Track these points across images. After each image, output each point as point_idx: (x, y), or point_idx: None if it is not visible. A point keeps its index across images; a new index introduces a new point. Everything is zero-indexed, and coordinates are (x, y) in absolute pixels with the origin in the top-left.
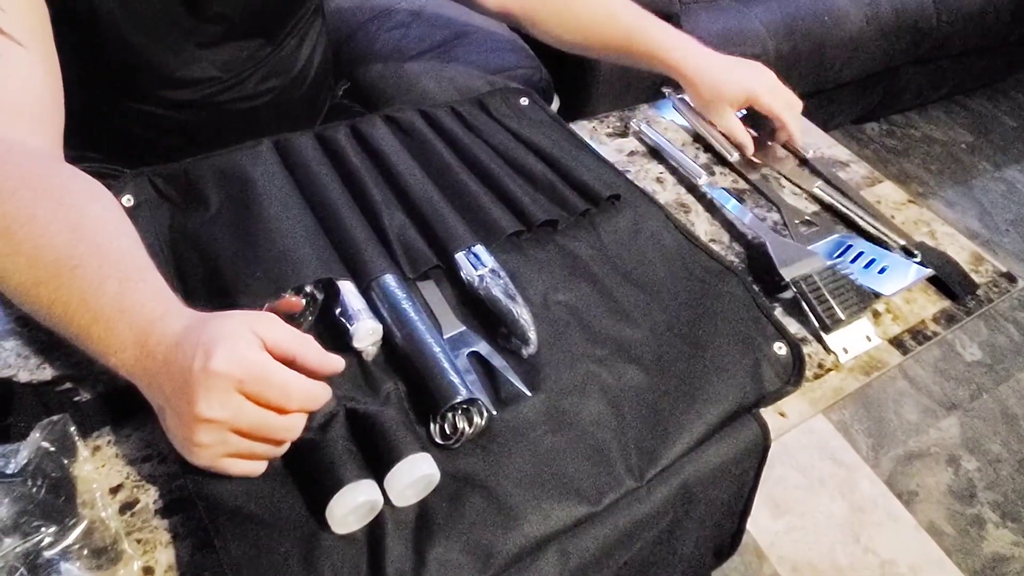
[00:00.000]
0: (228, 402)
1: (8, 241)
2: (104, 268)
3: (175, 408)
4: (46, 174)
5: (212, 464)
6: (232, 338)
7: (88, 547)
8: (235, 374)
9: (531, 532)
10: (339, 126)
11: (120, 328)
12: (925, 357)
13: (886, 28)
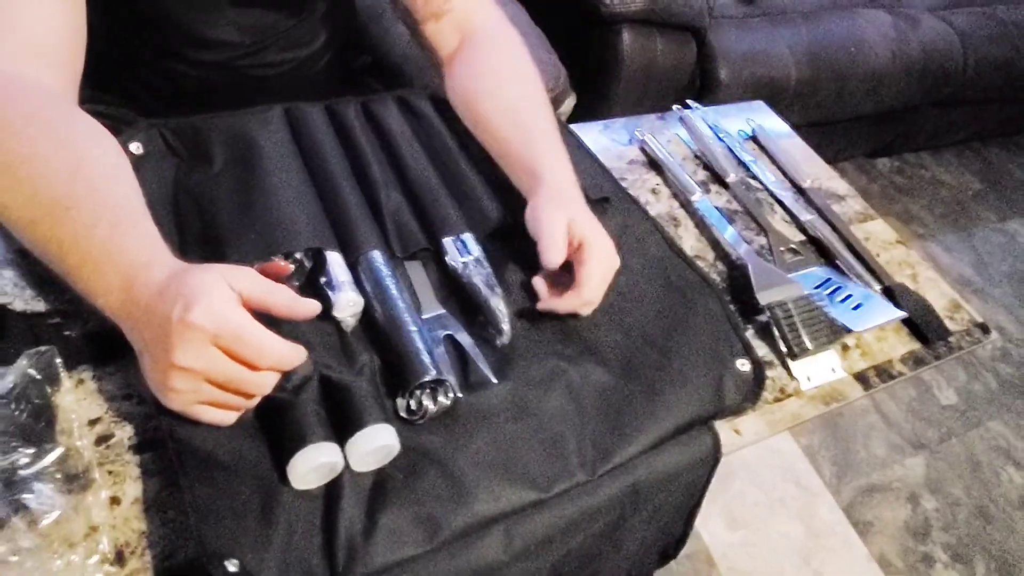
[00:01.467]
0: (203, 354)
1: (10, 177)
2: (97, 212)
3: (153, 354)
4: (54, 115)
5: (184, 409)
6: (210, 293)
7: (62, 471)
8: (211, 329)
9: (480, 510)
10: (350, 102)
11: (107, 271)
12: (900, 395)
13: (911, 66)
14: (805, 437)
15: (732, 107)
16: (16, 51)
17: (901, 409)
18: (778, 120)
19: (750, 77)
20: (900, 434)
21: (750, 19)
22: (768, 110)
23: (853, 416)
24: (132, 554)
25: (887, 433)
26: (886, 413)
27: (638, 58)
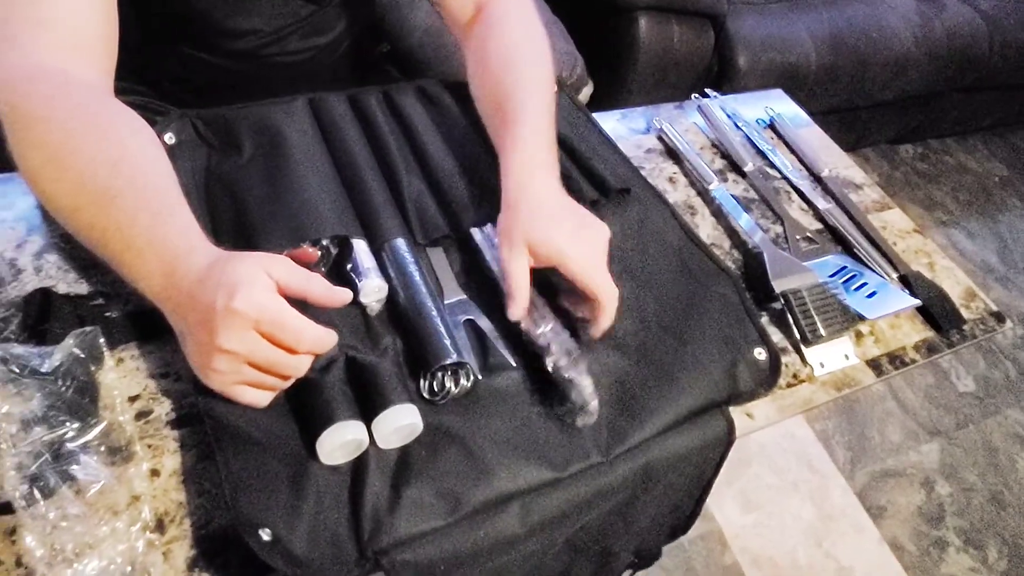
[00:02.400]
0: (245, 338)
1: (55, 167)
2: (139, 202)
3: (196, 337)
4: (95, 108)
5: (224, 389)
6: (251, 281)
7: (105, 444)
8: (253, 315)
9: (499, 486)
10: (372, 91)
11: (149, 258)
12: (917, 382)
13: (935, 52)
14: (820, 422)
15: (750, 95)
16: (53, 45)
17: (918, 396)
18: (796, 108)
19: (769, 64)
20: (916, 420)
21: (769, 5)
22: (786, 98)
23: (869, 402)
24: (171, 522)
25: (903, 419)
26: (903, 400)
27: (655, 45)
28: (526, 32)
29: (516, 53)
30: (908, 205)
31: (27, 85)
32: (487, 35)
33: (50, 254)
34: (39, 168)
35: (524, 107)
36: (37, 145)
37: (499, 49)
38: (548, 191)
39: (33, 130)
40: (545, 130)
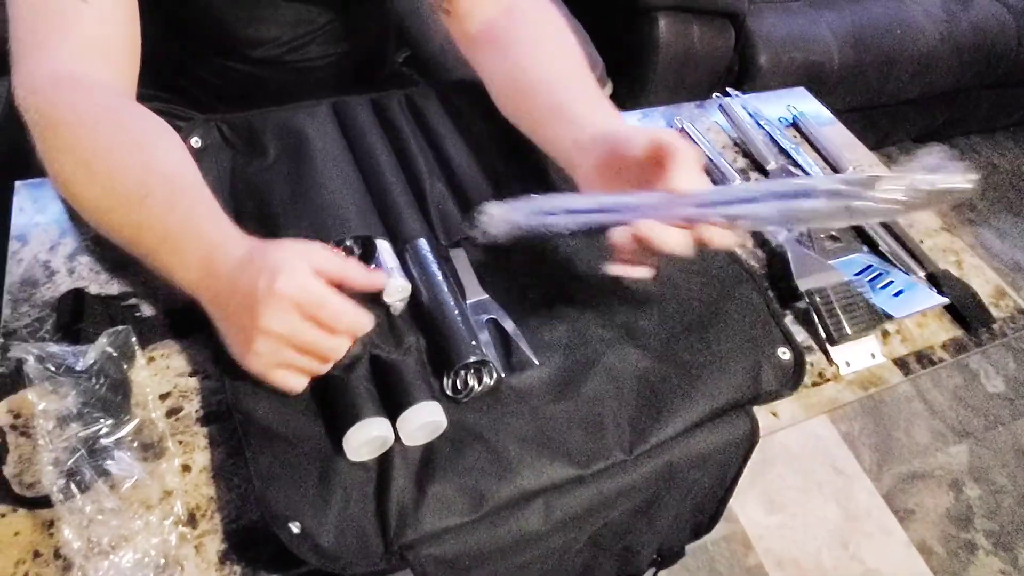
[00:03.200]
0: (287, 319)
1: (86, 171)
2: (172, 199)
3: (237, 322)
4: (121, 111)
5: (264, 372)
6: (292, 265)
7: (138, 440)
8: (295, 296)
9: (522, 484)
10: (394, 94)
11: (186, 251)
12: (945, 383)
13: (961, 47)
14: (845, 424)
15: (772, 94)
16: (78, 53)
17: (946, 397)
18: (819, 106)
19: (790, 62)
20: (944, 422)
21: (790, 3)
22: (809, 96)
23: (896, 404)
24: (203, 516)
25: (930, 421)
26: (930, 401)
27: (675, 45)
28: (558, 28)
29: (554, 42)
30: None
31: (54, 90)
32: (514, 39)
33: (82, 256)
34: (70, 172)
35: (585, 82)
36: (66, 149)
37: (538, 44)
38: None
39: (61, 135)
40: (606, 99)
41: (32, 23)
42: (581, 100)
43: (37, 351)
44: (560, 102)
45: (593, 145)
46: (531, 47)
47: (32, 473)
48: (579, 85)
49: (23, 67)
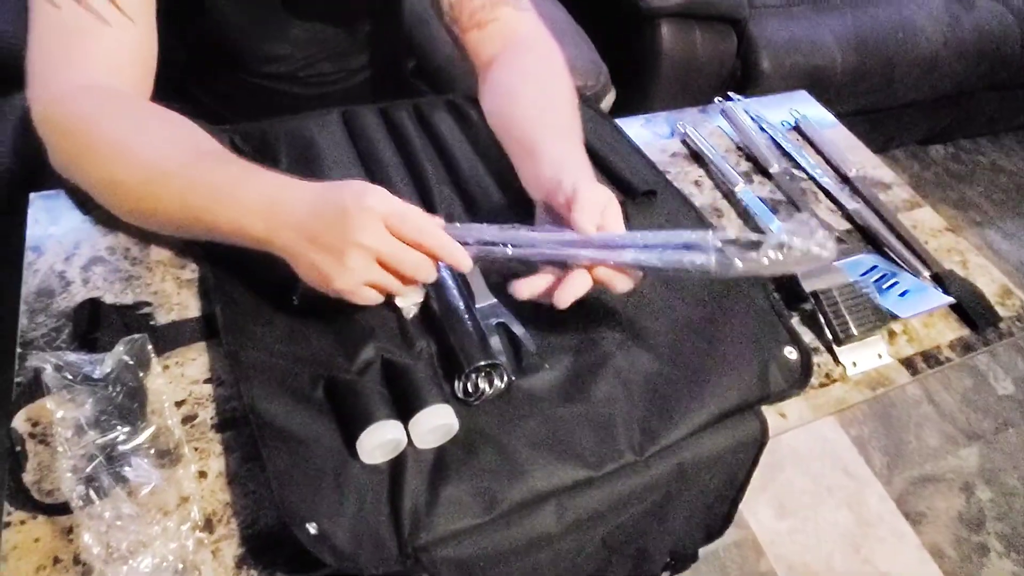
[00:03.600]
0: (377, 232)
1: (127, 153)
2: (220, 159)
3: (326, 243)
4: (151, 108)
5: (353, 288)
6: (375, 188)
7: (154, 447)
8: (383, 209)
9: (534, 486)
10: (403, 104)
11: (248, 198)
12: (955, 385)
13: (964, 50)
14: (855, 427)
15: (774, 98)
16: (97, 69)
17: (955, 399)
18: (822, 109)
19: (793, 66)
20: (954, 424)
21: (792, 7)
22: (811, 99)
23: (905, 407)
24: (219, 522)
25: (940, 423)
26: (939, 403)
27: (678, 51)
28: (554, 63)
29: (546, 78)
30: (940, 206)
31: (81, 95)
32: (512, 67)
33: (97, 266)
34: (109, 157)
35: (557, 123)
36: (101, 137)
37: (526, 76)
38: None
39: (96, 127)
40: (580, 143)
41: (52, 41)
42: (551, 140)
43: (55, 360)
44: (532, 140)
45: (541, 186)
46: (522, 84)
47: (51, 480)
48: (554, 125)
49: (42, 83)
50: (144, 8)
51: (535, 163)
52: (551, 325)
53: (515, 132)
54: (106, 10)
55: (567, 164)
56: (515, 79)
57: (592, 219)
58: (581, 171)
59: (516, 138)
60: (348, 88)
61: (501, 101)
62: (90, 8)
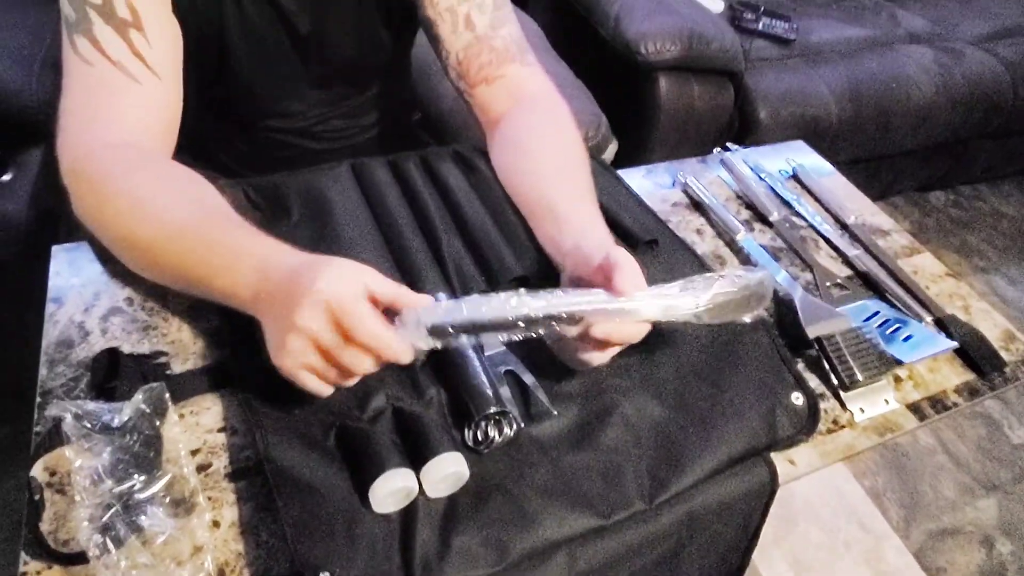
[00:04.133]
0: (316, 318)
1: (140, 210)
2: (223, 224)
3: (278, 317)
4: (166, 165)
5: (291, 371)
6: (340, 272)
7: (170, 496)
8: (331, 297)
9: (545, 535)
10: (411, 156)
11: (241, 266)
12: (969, 434)
13: (957, 99)
14: (869, 478)
15: (771, 148)
16: (125, 125)
17: (970, 448)
18: (818, 158)
19: (790, 116)
20: (970, 474)
21: (786, 60)
22: (808, 149)
23: (919, 456)
24: (232, 572)
25: (957, 474)
26: (955, 453)
27: (676, 103)
28: (563, 123)
29: (555, 144)
30: (944, 252)
31: (105, 152)
32: (520, 131)
33: (115, 316)
34: (125, 213)
35: (574, 184)
36: (120, 196)
37: (537, 143)
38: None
39: (116, 184)
40: (595, 202)
41: (83, 97)
42: (569, 201)
43: (75, 409)
44: (551, 201)
45: (562, 250)
46: (535, 142)
47: (67, 530)
48: (571, 186)
49: (71, 136)
50: (171, 66)
51: (557, 226)
52: (559, 373)
53: (531, 191)
54: (136, 68)
55: (590, 229)
56: (527, 136)
57: (637, 285)
58: (607, 237)
59: (533, 198)
60: (358, 143)
61: (514, 159)
62: (120, 66)
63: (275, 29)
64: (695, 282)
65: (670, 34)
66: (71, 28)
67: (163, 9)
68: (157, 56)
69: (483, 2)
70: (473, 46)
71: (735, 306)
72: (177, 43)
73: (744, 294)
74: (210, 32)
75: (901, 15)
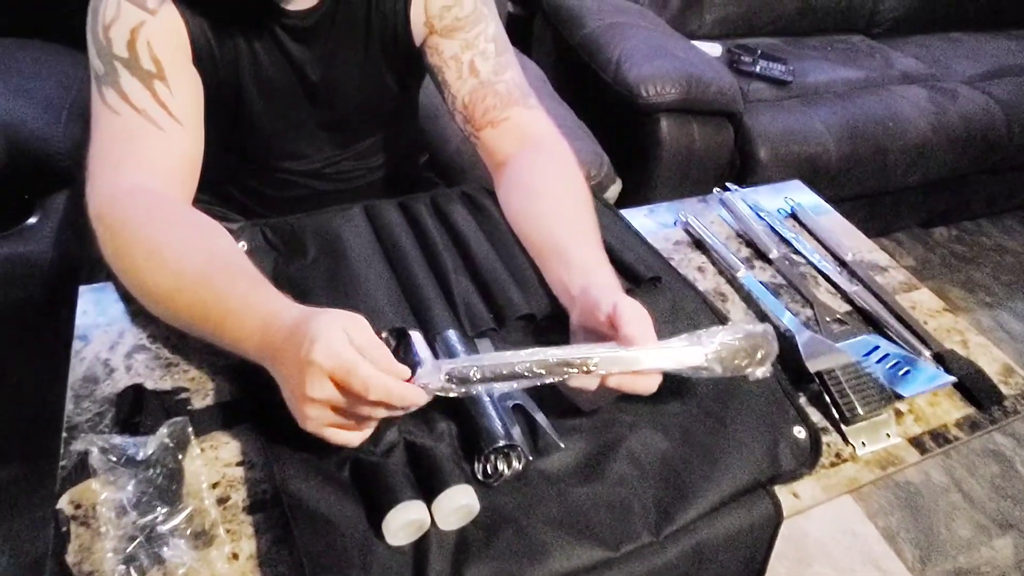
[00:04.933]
0: (324, 387)
1: (157, 260)
2: (233, 278)
3: (291, 387)
4: (184, 215)
5: (317, 431)
6: (327, 335)
7: (191, 528)
8: (327, 365)
9: (554, 567)
10: (421, 197)
11: (246, 323)
12: (982, 472)
13: (953, 137)
14: (883, 519)
15: (770, 187)
16: (149, 171)
17: (984, 487)
18: (815, 197)
19: (788, 155)
20: (985, 513)
21: (783, 101)
22: (805, 188)
23: (933, 496)
24: None
25: (971, 513)
26: (968, 491)
27: (677, 143)
28: (566, 167)
29: (560, 188)
30: (949, 287)
31: (128, 199)
32: (526, 175)
33: (139, 354)
34: (142, 263)
35: (581, 227)
36: (139, 245)
37: (543, 187)
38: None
39: (134, 233)
40: (600, 244)
41: (110, 144)
42: (576, 246)
43: (101, 443)
44: (559, 244)
45: (569, 294)
46: (542, 185)
47: (91, 562)
48: (578, 229)
49: (99, 182)
50: (193, 114)
51: (565, 269)
52: (566, 408)
53: (538, 234)
54: (159, 116)
55: (597, 273)
56: (533, 179)
57: (646, 337)
58: (614, 281)
59: (540, 240)
60: (367, 183)
61: (521, 202)
62: (145, 114)
63: (287, 77)
64: (699, 335)
65: (669, 77)
66: (100, 80)
67: (185, 61)
68: (179, 105)
69: (486, 49)
70: (478, 91)
71: (743, 356)
72: (198, 92)
73: (750, 343)
74: (227, 81)
75: (894, 57)
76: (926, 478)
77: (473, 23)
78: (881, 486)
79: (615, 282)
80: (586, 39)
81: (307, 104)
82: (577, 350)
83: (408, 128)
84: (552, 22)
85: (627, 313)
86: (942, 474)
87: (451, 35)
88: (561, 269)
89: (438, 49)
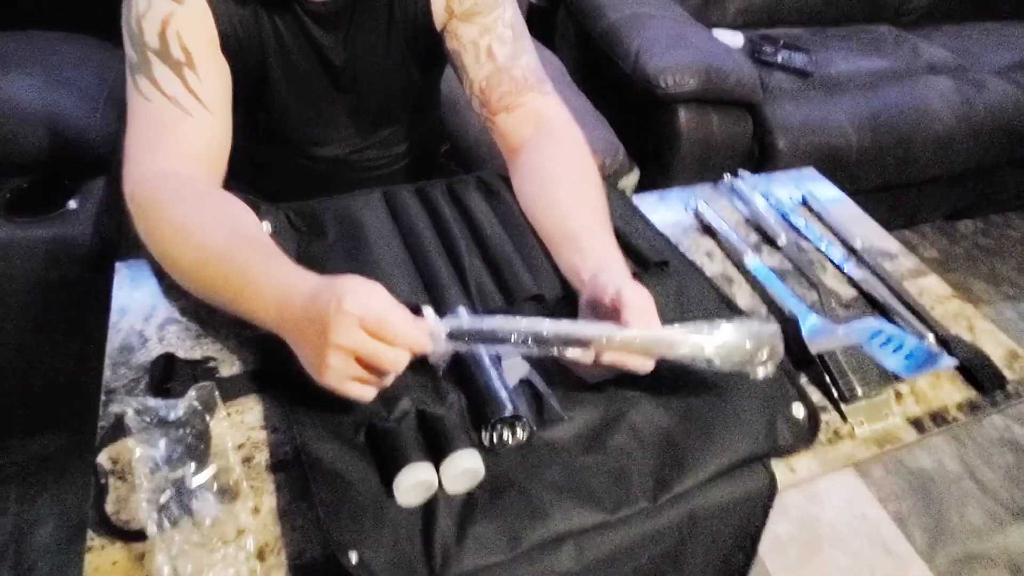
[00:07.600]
0: (352, 334)
1: (184, 236)
2: (253, 252)
3: (312, 342)
4: (211, 195)
5: (338, 385)
6: (357, 288)
7: (217, 484)
8: (358, 312)
9: (554, 527)
10: (437, 183)
11: (265, 292)
12: (997, 461)
13: (978, 129)
14: (894, 504)
15: (782, 174)
16: (179, 155)
17: (998, 475)
18: (829, 185)
19: (808, 145)
20: (997, 501)
21: (804, 91)
22: (819, 176)
23: (945, 483)
24: (271, 552)
25: (983, 500)
26: (981, 479)
27: (695, 134)
28: (579, 153)
29: (572, 173)
30: (972, 280)
31: (159, 181)
32: (539, 161)
33: (170, 326)
34: (170, 238)
35: (589, 225)
36: (167, 222)
37: (555, 173)
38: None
39: (164, 211)
40: (611, 231)
41: (144, 130)
42: (589, 233)
43: (136, 404)
44: (572, 231)
45: (581, 279)
46: (556, 171)
47: (127, 512)
48: (591, 217)
49: (132, 165)
50: (221, 100)
51: (577, 254)
52: (571, 383)
53: (551, 220)
54: (189, 103)
55: (607, 258)
56: (548, 166)
57: (645, 321)
58: (623, 267)
59: (554, 226)
60: (390, 172)
61: (535, 188)
62: (175, 101)
63: (312, 62)
64: (702, 326)
65: (688, 68)
66: (133, 69)
67: (213, 50)
68: (208, 92)
69: (503, 34)
70: (494, 75)
71: (744, 354)
72: (226, 80)
73: (753, 342)
74: (254, 66)
75: (922, 47)
76: (939, 466)
77: (491, 8)
78: (893, 472)
79: (624, 269)
80: (607, 30)
81: (332, 90)
82: (579, 325)
83: (430, 117)
84: (574, 13)
85: (629, 298)
86: (956, 462)
87: (470, 19)
88: (573, 255)
89: (456, 33)
